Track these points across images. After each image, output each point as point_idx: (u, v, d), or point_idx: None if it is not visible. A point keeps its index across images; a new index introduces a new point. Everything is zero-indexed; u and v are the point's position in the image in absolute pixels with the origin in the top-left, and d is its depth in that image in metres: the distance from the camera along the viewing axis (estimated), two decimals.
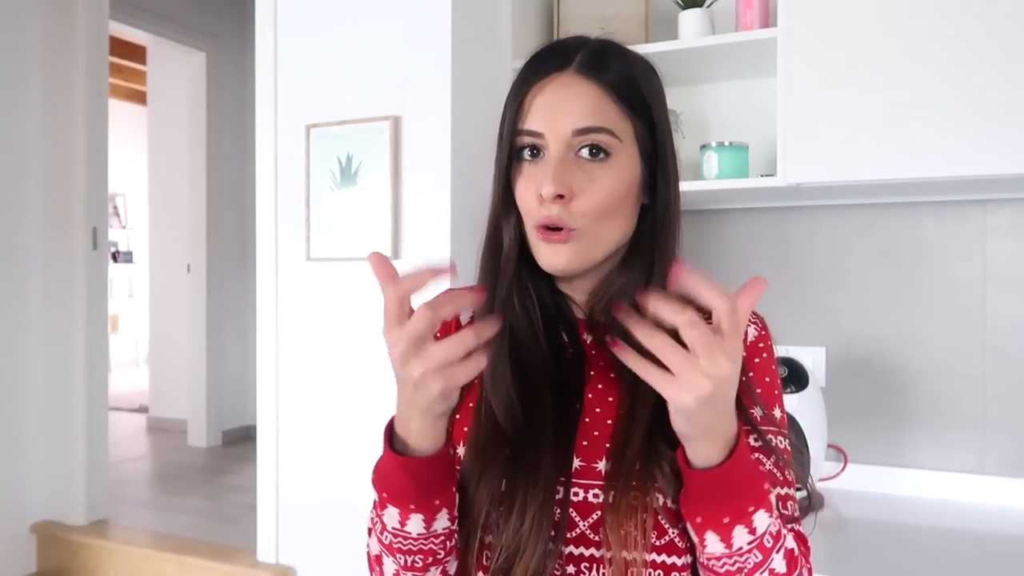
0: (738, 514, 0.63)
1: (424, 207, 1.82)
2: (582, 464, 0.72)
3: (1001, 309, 1.66)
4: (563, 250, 0.73)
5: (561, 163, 0.72)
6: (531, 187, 0.74)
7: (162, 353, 4.79)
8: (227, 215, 4.44)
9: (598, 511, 0.71)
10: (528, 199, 0.74)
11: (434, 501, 0.67)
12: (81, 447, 2.76)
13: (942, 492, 1.67)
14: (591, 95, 0.73)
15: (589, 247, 0.74)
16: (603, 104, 0.73)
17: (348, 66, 1.90)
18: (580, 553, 0.71)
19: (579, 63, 0.74)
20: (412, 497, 0.66)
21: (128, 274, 8.24)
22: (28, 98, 2.75)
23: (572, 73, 0.74)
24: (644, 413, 0.71)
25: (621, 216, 0.75)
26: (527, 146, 0.75)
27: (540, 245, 0.75)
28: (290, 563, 2.02)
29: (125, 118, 6.72)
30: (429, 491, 0.67)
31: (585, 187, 0.72)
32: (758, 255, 1.86)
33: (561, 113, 0.72)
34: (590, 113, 0.72)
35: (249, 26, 3.72)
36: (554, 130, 0.72)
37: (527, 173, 0.75)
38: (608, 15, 1.83)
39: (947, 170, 1.41)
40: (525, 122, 0.74)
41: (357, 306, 1.90)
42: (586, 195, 0.72)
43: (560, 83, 0.74)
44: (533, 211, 0.74)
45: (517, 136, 0.75)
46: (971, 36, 1.38)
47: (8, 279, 2.68)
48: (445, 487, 0.68)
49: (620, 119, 0.74)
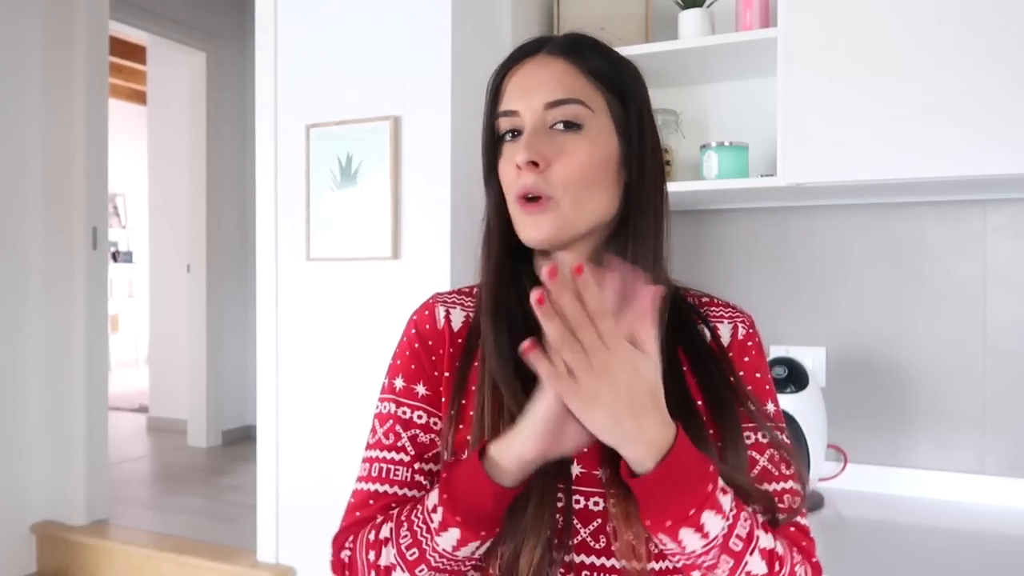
0: (680, 517, 0.61)
1: (424, 207, 1.82)
2: (583, 471, 0.71)
3: (1001, 309, 1.66)
4: (542, 220, 0.74)
5: (534, 133, 0.74)
6: (509, 162, 0.76)
7: (162, 353, 4.79)
8: (227, 215, 4.44)
9: (599, 519, 0.70)
10: (508, 173, 0.77)
11: (495, 528, 0.66)
12: (81, 447, 2.76)
13: (942, 492, 1.67)
14: (561, 69, 0.76)
15: (568, 217, 0.74)
16: (573, 77, 0.76)
17: (348, 66, 1.90)
18: (581, 561, 0.70)
19: (551, 46, 0.78)
20: (489, 524, 0.65)
21: (128, 274, 8.24)
22: (28, 98, 2.75)
23: (544, 54, 0.78)
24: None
25: (600, 187, 0.75)
26: (507, 129, 0.77)
27: (521, 218, 0.76)
28: (290, 563, 2.02)
29: (125, 118, 6.71)
30: (501, 518, 0.66)
31: (559, 155, 0.74)
32: (758, 255, 1.86)
33: (532, 89, 0.75)
34: (559, 86, 0.75)
35: (249, 26, 3.73)
36: (528, 106, 0.75)
37: (507, 152, 0.77)
38: (608, 15, 1.83)
39: (947, 170, 1.41)
40: (501, 104, 0.78)
41: (357, 306, 1.90)
42: (561, 163, 0.74)
43: (532, 64, 0.77)
44: (512, 183, 0.76)
45: (496, 119, 0.78)
46: (971, 36, 1.38)
47: (8, 279, 2.68)
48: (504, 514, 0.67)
49: (591, 90, 0.76)
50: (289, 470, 2.00)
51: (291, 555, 2.02)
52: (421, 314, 0.83)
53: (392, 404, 0.79)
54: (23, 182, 2.74)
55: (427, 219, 1.81)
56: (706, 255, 1.89)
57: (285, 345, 2.01)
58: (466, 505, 0.65)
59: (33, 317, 2.76)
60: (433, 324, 0.81)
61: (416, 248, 1.83)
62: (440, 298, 0.84)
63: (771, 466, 0.75)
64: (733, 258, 1.88)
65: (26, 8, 2.74)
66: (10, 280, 2.69)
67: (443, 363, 0.79)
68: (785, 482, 0.75)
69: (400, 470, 0.77)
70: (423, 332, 0.81)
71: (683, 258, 1.89)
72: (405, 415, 0.78)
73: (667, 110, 1.83)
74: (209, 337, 4.32)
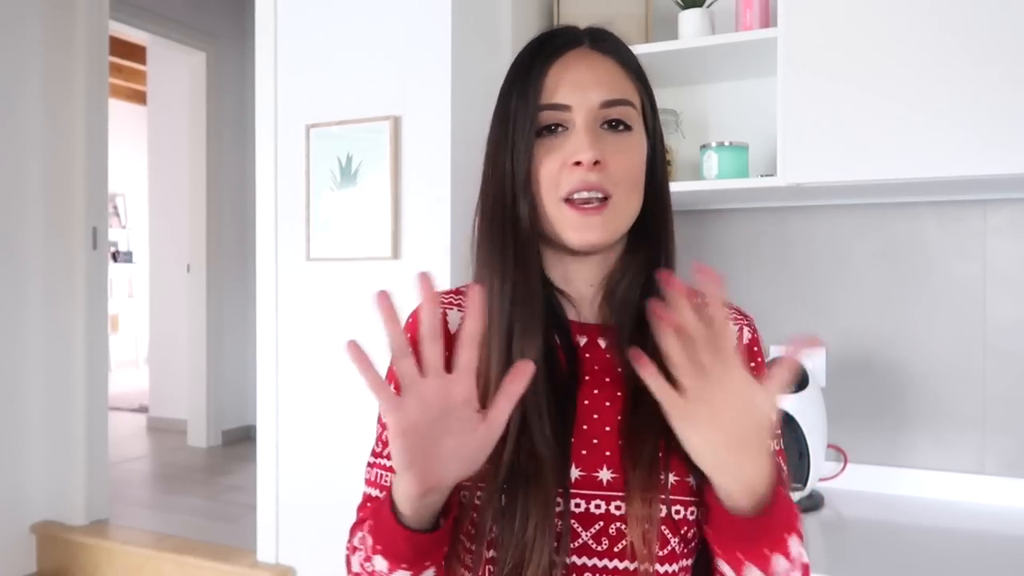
0: (755, 556, 0.64)
1: (424, 207, 1.82)
2: (582, 474, 0.70)
3: (1001, 309, 1.66)
4: (596, 222, 0.72)
5: (593, 132, 0.72)
6: (557, 159, 0.72)
7: (162, 353, 4.78)
8: (227, 215, 4.43)
9: (601, 521, 0.70)
10: (555, 171, 0.72)
11: (425, 563, 0.66)
12: (81, 447, 2.76)
13: (942, 492, 1.67)
14: (612, 68, 0.74)
15: (619, 219, 0.73)
16: (622, 77, 0.75)
17: (348, 66, 1.90)
18: (583, 563, 0.69)
19: (591, 40, 0.76)
20: (406, 559, 0.65)
21: (128, 274, 8.23)
22: (28, 98, 2.75)
23: (589, 48, 0.75)
24: (653, 421, 0.69)
25: (639, 190, 0.75)
26: (552, 122, 0.73)
27: (571, 219, 0.72)
28: (290, 563, 2.02)
29: (125, 118, 6.71)
30: (423, 556, 0.65)
31: (615, 155, 0.72)
32: (758, 255, 1.86)
33: (587, 85, 0.72)
34: (614, 85, 0.73)
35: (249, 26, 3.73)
36: (582, 102, 0.72)
37: (550, 146, 0.73)
38: (608, 15, 1.83)
39: (947, 170, 1.41)
40: (551, 96, 0.73)
41: (357, 306, 1.90)
42: (617, 163, 0.72)
43: (579, 56, 0.74)
44: (563, 181, 0.72)
45: (541, 112, 0.73)
46: (971, 36, 1.38)
47: (8, 279, 2.68)
48: (439, 550, 0.67)
49: (635, 92, 0.75)
50: (289, 470, 2.00)
51: (291, 555, 2.02)
52: (415, 316, 0.82)
53: None
54: (23, 182, 2.74)
55: (427, 219, 1.81)
56: (706, 255, 1.89)
57: (285, 345, 2.01)
58: (383, 536, 0.65)
59: (33, 317, 2.76)
60: None
61: (416, 248, 1.83)
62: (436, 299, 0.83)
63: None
64: (733, 258, 1.88)
65: (26, 8, 2.74)
66: (10, 280, 2.69)
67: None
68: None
69: (389, 476, 0.76)
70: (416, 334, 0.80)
71: (683, 258, 1.88)
72: None
73: (667, 110, 1.83)
74: (209, 337, 4.32)
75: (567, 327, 0.77)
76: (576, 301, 0.79)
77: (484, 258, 0.75)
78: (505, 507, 0.67)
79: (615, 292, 0.77)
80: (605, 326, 0.78)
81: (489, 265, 0.74)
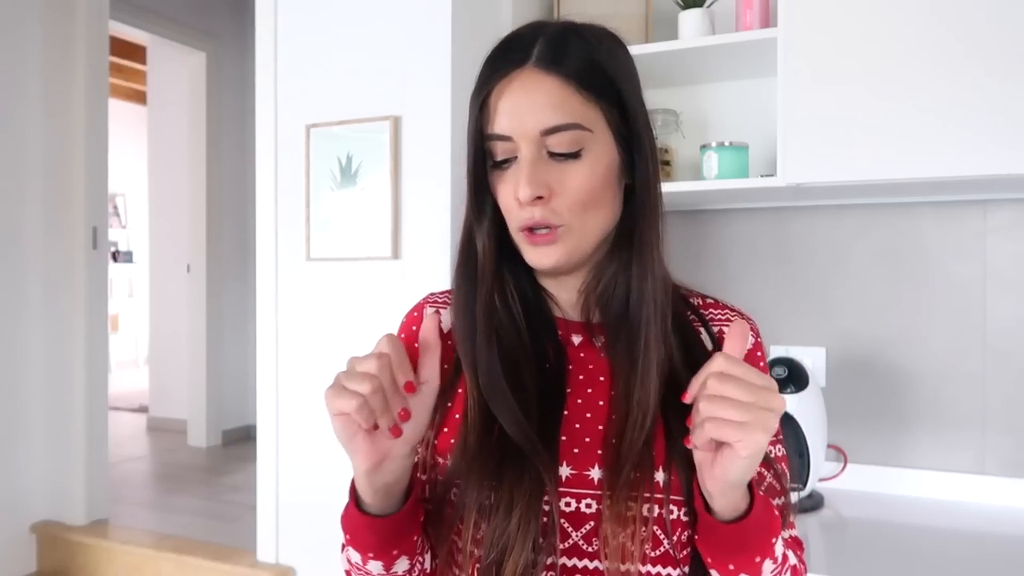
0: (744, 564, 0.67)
1: (424, 207, 1.82)
2: (573, 472, 0.70)
3: (1001, 309, 1.66)
4: (550, 251, 0.73)
5: (534, 164, 0.70)
6: (509, 190, 0.73)
7: (162, 353, 4.78)
8: (227, 215, 4.44)
9: (591, 521, 0.69)
10: (509, 201, 0.73)
11: (392, 551, 0.68)
12: (81, 447, 2.76)
13: (942, 492, 1.67)
14: (554, 90, 0.70)
15: (577, 242, 0.73)
16: (567, 97, 0.70)
17: (348, 66, 1.90)
18: (573, 564, 0.69)
19: (537, 56, 0.71)
20: (371, 547, 0.68)
21: (128, 274, 8.23)
22: (28, 98, 2.75)
23: (532, 68, 0.71)
24: (640, 420, 0.70)
25: (604, 204, 0.74)
26: (501, 154, 0.73)
27: (526, 248, 0.74)
28: (290, 563, 2.02)
29: (125, 118, 6.71)
30: (388, 543, 0.68)
31: (563, 184, 0.71)
32: (758, 255, 1.86)
33: (526, 114, 0.70)
34: (554, 110, 0.70)
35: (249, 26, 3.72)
36: (522, 132, 0.70)
37: (505, 177, 0.74)
38: (608, 15, 1.82)
39: (947, 170, 1.41)
40: (492, 126, 0.72)
41: (357, 306, 1.90)
42: (565, 192, 0.71)
43: (520, 81, 0.71)
44: (515, 214, 0.73)
45: (486, 141, 0.74)
46: (971, 37, 1.38)
47: (8, 279, 2.68)
48: (405, 538, 0.69)
49: (587, 108, 0.71)
50: (289, 470, 2.00)
51: (291, 555, 2.02)
52: (411, 316, 0.82)
53: None
54: (23, 182, 2.74)
55: (427, 219, 1.81)
56: (706, 255, 1.89)
57: (285, 345, 2.01)
58: (348, 527, 0.69)
59: (33, 317, 2.76)
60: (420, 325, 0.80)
61: (416, 248, 1.83)
62: (431, 299, 0.83)
63: (774, 482, 0.76)
64: (733, 258, 1.88)
65: (26, 8, 2.74)
66: (10, 280, 2.69)
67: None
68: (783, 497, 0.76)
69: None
70: (410, 335, 0.80)
71: (683, 258, 1.88)
72: None
73: (667, 110, 1.83)
74: (209, 337, 4.32)
75: (554, 325, 0.78)
76: (565, 303, 0.80)
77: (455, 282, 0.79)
78: (492, 504, 0.67)
79: (595, 294, 0.78)
80: (596, 325, 0.78)
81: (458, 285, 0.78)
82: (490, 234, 0.76)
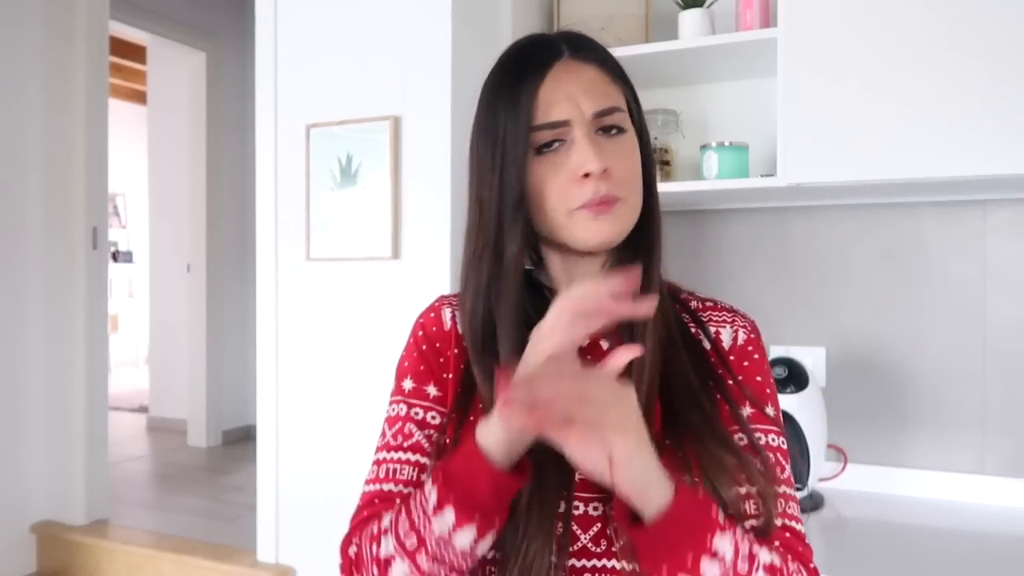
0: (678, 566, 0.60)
1: (424, 207, 1.82)
2: (581, 476, 0.70)
3: (1001, 309, 1.66)
4: (612, 220, 0.73)
5: (594, 141, 0.73)
6: (564, 173, 0.72)
7: (162, 353, 4.78)
8: (227, 215, 4.43)
9: (598, 523, 0.70)
10: (564, 185, 0.72)
11: (495, 518, 0.64)
12: (81, 447, 2.76)
13: (942, 492, 1.67)
14: (597, 76, 0.75)
15: (629, 217, 0.75)
16: (608, 83, 0.75)
17: (348, 66, 1.90)
18: (583, 565, 0.70)
19: (570, 49, 0.75)
20: (481, 507, 0.63)
21: (128, 274, 8.23)
22: (28, 98, 2.75)
23: (569, 59, 0.75)
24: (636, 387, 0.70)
25: (640, 188, 0.76)
26: (550, 139, 0.73)
27: (587, 222, 0.73)
28: (290, 563, 2.02)
29: (125, 118, 6.71)
30: (501, 505, 0.64)
31: (617, 159, 0.73)
32: (758, 255, 1.86)
33: (577, 97, 0.73)
34: (603, 94, 0.74)
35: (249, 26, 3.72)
36: (579, 115, 0.72)
37: (554, 162, 0.73)
38: (608, 15, 1.83)
39: (947, 170, 1.41)
40: (547, 115, 0.72)
41: (357, 306, 1.90)
42: (620, 166, 0.73)
43: (564, 69, 0.74)
44: (574, 194, 0.72)
45: (537, 132, 0.73)
46: (971, 37, 1.38)
47: (8, 279, 2.68)
48: (505, 511, 0.65)
49: (620, 95, 0.76)
50: (289, 470, 2.00)
51: (291, 555, 2.02)
52: (427, 316, 0.83)
53: (404, 406, 0.79)
54: (23, 182, 2.74)
55: (427, 219, 1.81)
56: (706, 255, 1.89)
57: (285, 345, 2.01)
58: (460, 484, 0.63)
59: (33, 317, 2.76)
60: (440, 326, 0.81)
61: (416, 248, 1.83)
62: (446, 300, 0.84)
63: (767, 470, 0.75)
64: (733, 258, 1.88)
65: (26, 8, 2.74)
66: (10, 280, 2.69)
67: (450, 365, 0.79)
68: (782, 486, 0.75)
69: (406, 469, 0.76)
70: (430, 334, 0.81)
71: (683, 258, 1.89)
72: (417, 416, 0.78)
73: (667, 110, 1.83)
74: (209, 337, 4.32)
75: None
76: None
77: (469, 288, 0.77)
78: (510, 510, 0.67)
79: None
80: None
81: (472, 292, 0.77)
82: (525, 235, 0.75)
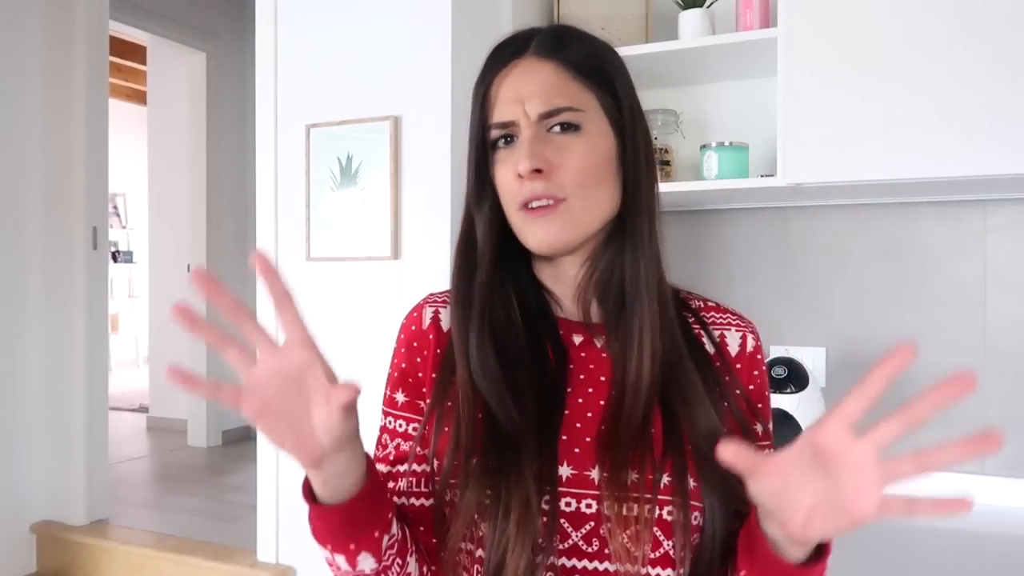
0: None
1: (424, 207, 1.82)
2: (574, 472, 0.70)
3: (1001, 309, 1.66)
4: (550, 223, 0.72)
5: (534, 139, 0.72)
6: (509, 170, 0.74)
7: (162, 353, 4.79)
8: (227, 215, 4.43)
9: (591, 522, 0.68)
10: (508, 182, 0.74)
11: (348, 544, 0.66)
12: (81, 447, 2.76)
13: (942, 492, 1.67)
14: (551, 75, 0.73)
15: (577, 219, 0.73)
16: (564, 82, 0.73)
17: (348, 66, 1.90)
18: (573, 565, 0.68)
19: (536, 45, 0.75)
20: (327, 537, 0.67)
21: (128, 274, 8.24)
22: (28, 97, 2.75)
23: (531, 57, 0.75)
24: (634, 400, 0.70)
25: (605, 185, 0.74)
26: (500, 136, 0.75)
27: (527, 224, 0.74)
28: (290, 563, 2.02)
29: (125, 118, 6.71)
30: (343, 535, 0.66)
31: (563, 158, 0.72)
32: (758, 255, 1.86)
33: (525, 98, 0.73)
34: (552, 93, 0.73)
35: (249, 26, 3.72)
36: (523, 116, 0.73)
37: (503, 158, 0.75)
38: (608, 15, 1.83)
39: (947, 170, 1.41)
40: (494, 115, 0.75)
41: (357, 306, 1.90)
42: (564, 165, 0.72)
43: (520, 69, 0.75)
44: (515, 192, 0.73)
45: (488, 130, 0.76)
46: (971, 37, 1.38)
47: (8, 279, 2.68)
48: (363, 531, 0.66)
49: (583, 93, 0.74)
50: (289, 470, 2.00)
51: (291, 555, 2.02)
52: (410, 316, 0.82)
53: (383, 416, 0.81)
54: (23, 182, 2.74)
55: (427, 219, 1.81)
56: (706, 255, 1.89)
57: None
58: (312, 523, 0.67)
59: (33, 317, 2.76)
60: (419, 326, 0.80)
61: (416, 248, 1.83)
62: (431, 299, 0.83)
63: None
64: (733, 258, 1.88)
65: (26, 7, 2.74)
66: (10, 280, 2.69)
67: (427, 364, 0.78)
68: None
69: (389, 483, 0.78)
70: (409, 335, 0.80)
71: (683, 258, 1.89)
72: (390, 425, 0.79)
73: (667, 110, 1.83)
74: None
75: (555, 324, 0.78)
76: (565, 299, 0.79)
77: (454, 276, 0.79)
78: (489, 505, 0.67)
79: (591, 284, 0.77)
80: (597, 325, 0.78)
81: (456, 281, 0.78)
82: (490, 222, 0.77)
